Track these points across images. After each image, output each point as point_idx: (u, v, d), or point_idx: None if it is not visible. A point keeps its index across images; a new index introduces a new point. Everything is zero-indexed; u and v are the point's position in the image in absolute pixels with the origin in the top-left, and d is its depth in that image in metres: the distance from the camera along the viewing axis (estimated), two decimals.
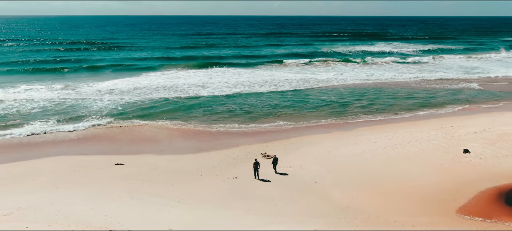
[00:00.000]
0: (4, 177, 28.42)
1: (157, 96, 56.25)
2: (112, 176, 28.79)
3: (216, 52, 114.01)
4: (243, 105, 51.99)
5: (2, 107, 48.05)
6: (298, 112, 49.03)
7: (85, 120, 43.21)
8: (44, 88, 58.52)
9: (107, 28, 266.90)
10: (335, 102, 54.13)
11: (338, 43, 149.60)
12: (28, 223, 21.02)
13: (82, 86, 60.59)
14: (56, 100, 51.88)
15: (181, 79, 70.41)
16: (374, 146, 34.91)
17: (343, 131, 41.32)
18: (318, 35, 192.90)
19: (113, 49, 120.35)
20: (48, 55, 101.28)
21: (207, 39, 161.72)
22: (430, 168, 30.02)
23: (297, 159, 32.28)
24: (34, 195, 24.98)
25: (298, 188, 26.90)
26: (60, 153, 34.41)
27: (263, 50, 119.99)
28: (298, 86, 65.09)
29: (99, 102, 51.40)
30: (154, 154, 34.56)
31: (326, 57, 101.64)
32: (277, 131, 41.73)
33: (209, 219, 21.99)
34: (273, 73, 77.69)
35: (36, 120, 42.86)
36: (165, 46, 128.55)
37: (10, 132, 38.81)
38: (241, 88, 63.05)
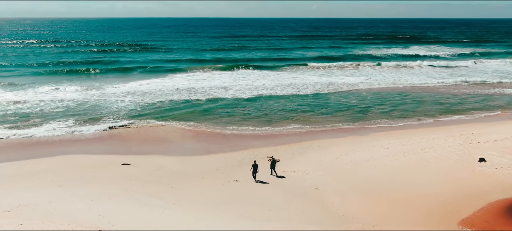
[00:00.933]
0: (13, 174, 29.37)
1: (177, 97, 56.85)
2: (116, 176, 29.20)
3: (246, 54, 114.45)
4: (261, 108, 51.76)
5: (27, 106, 49.89)
6: (315, 116, 48.30)
7: (102, 121, 44.16)
8: (71, 88, 60.37)
9: (144, 30, 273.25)
10: (356, 106, 53.00)
11: (371, 46, 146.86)
12: (23, 220, 21.53)
13: (106, 87, 62.08)
14: (79, 100, 53.39)
15: (206, 81, 70.91)
16: (385, 152, 33.86)
17: (357, 136, 40.38)
18: (352, 38, 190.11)
19: (145, 50, 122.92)
20: (82, 56, 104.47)
21: (239, 41, 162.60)
22: (440, 176, 28.78)
23: (303, 164, 31.73)
24: (37, 192, 25.63)
25: (297, 193, 26.39)
26: (73, 152, 35.30)
27: (293, 53, 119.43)
28: (321, 90, 64.18)
29: (120, 102, 52.50)
30: (162, 155, 34.88)
31: (356, 61, 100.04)
32: (290, 135, 41.26)
33: (199, 222, 21.86)
34: (298, 76, 77.07)
35: (55, 119, 44.19)
36: (197, 48, 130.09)
37: (29, 131, 40.10)
38: (263, 91, 62.84)
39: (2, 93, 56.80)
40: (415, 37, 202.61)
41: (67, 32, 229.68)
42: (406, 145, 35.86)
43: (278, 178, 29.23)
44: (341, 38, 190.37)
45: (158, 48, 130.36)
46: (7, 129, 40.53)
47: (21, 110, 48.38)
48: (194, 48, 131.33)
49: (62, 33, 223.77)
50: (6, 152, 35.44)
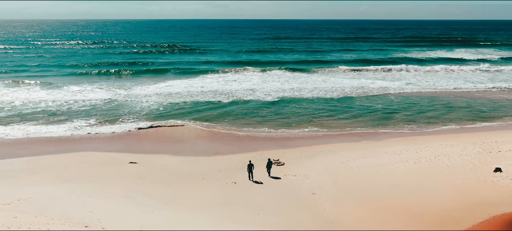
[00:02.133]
0: (26, 169, 30.80)
1: (201, 98, 57.53)
2: (120, 174, 29.91)
3: (282, 56, 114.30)
4: (282, 110, 51.45)
5: (57, 104, 52.22)
6: (336, 120, 47.44)
7: (123, 120, 45.46)
8: (101, 88, 62.67)
9: (189, 31, 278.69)
10: (380, 111, 51.57)
11: (414, 48, 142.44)
12: (19, 213, 22.50)
13: (135, 88, 63.86)
14: (106, 99, 55.24)
15: (235, 83, 71.37)
16: (396, 159, 32.72)
17: (372, 141, 39.29)
18: (395, 40, 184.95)
19: (184, 52, 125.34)
20: (121, 57, 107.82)
21: (279, 43, 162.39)
22: (446, 185, 27.44)
23: (307, 168, 31.22)
24: (40, 187, 26.72)
25: (291, 197, 26.00)
26: (88, 149, 36.56)
27: (330, 55, 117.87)
28: (349, 93, 62.92)
29: (144, 102, 53.83)
30: (171, 154, 35.41)
31: (394, 64, 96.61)
32: (304, 138, 40.78)
33: (182, 222, 22.02)
34: (328, 79, 76.01)
35: (79, 118, 45.99)
36: (234, 50, 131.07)
37: (52, 128, 41.95)
38: (289, 93, 62.50)
39: (37, 91, 59.82)
40: (464, 39, 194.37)
41: (114, 34, 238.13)
42: (421, 151, 34.50)
43: (274, 179, 29.03)
44: (384, 40, 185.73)
45: (197, 49, 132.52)
46: (32, 126, 42.59)
47: (49, 108, 50.68)
48: (232, 49, 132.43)
49: (108, 34, 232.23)
50: (27, 147, 37.21)
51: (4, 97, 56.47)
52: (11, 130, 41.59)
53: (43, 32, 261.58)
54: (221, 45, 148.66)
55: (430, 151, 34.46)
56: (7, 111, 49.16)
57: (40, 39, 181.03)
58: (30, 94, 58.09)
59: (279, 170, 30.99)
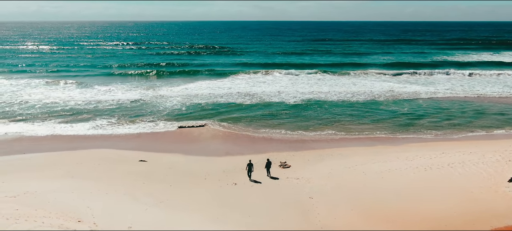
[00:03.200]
0: (40, 164, 32.25)
1: (225, 99, 58.05)
2: (127, 171, 30.67)
3: (318, 58, 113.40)
4: (303, 113, 51.05)
5: (85, 103, 54.36)
6: (356, 123, 46.54)
7: (143, 119, 46.57)
8: (130, 89, 64.66)
9: (231, 33, 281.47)
10: (405, 115, 50.09)
11: (458, 51, 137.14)
12: (21, 206, 23.61)
13: (164, 88, 65.37)
14: (133, 99, 56.85)
15: (264, 85, 71.55)
16: (407, 165, 31.71)
17: (389, 145, 38.28)
18: (440, 43, 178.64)
19: (220, 53, 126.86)
20: (159, 58, 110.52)
21: (317, 45, 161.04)
22: (453, 194, 26.30)
23: (311, 171, 30.84)
24: (48, 182, 27.87)
25: (288, 201, 25.75)
26: (104, 147, 37.78)
27: (367, 58, 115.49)
28: (378, 97, 61.48)
29: (168, 103, 54.98)
30: (181, 154, 35.97)
31: (432, 68, 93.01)
32: (319, 141, 40.31)
33: (170, 222, 22.30)
34: (359, 82, 74.68)
35: (103, 116, 47.62)
36: (270, 51, 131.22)
37: (75, 126, 43.72)
38: (316, 95, 61.94)
39: (70, 90, 62.54)
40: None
41: (157, 35, 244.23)
42: (435, 158, 33.24)
43: (275, 182, 28.89)
44: (428, 43, 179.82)
45: (233, 50, 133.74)
46: (58, 124, 44.57)
47: (78, 106, 52.79)
48: (268, 51, 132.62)
49: (151, 35, 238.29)
50: (49, 144, 38.93)
51: (39, 95, 59.38)
52: (38, 127, 43.65)
53: (91, 33, 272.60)
54: (258, 47, 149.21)
55: (445, 158, 33.16)
56: (39, 108, 51.64)
57: (86, 40, 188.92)
58: (63, 93, 60.75)
59: (283, 173, 30.82)
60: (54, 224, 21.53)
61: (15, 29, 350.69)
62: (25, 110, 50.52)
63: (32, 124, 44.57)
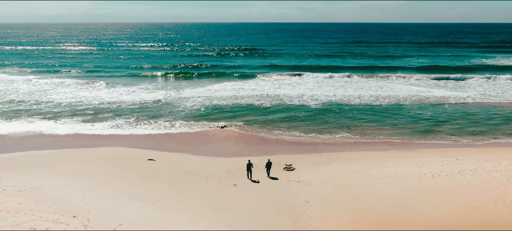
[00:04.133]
0: (53, 160, 33.51)
1: (246, 101, 58.28)
2: (133, 170, 31.34)
3: (350, 61, 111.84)
4: (323, 116, 50.51)
5: (109, 103, 56.00)
6: (374, 127, 45.62)
7: (161, 119, 47.54)
8: (155, 89, 66.11)
9: (267, 34, 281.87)
10: (427, 120, 48.62)
11: (500, 54, 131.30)
12: (24, 199, 24.64)
13: (187, 89, 66.49)
14: (156, 100, 58.10)
15: (289, 87, 71.40)
16: (414, 171, 30.76)
17: (402, 150, 37.32)
18: (481, 45, 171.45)
19: (252, 55, 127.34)
20: (191, 60, 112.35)
21: (352, 47, 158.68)
22: (455, 203, 25.29)
23: (315, 175, 30.48)
24: (56, 178, 28.90)
25: (282, 204, 25.56)
26: (117, 145, 38.80)
27: (401, 60, 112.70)
28: (402, 101, 59.95)
29: (188, 103, 55.81)
30: (191, 154, 36.42)
31: (466, 72, 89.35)
32: (331, 144, 39.82)
33: (160, 221, 22.63)
34: (386, 85, 73.14)
35: (122, 116, 48.95)
36: (302, 54, 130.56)
37: (95, 125, 45.16)
38: (339, 98, 61.21)
39: (98, 90, 64.69)
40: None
41: (193, 37, 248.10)
42: (447, 165, 32.08)
43: (274, 185, 28.74)
44: (469, 45, 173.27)
45: (265, 52, 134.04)
46: (79, 122, 46.16)
47: (101, 106, 54.49)
48: (299, 53, 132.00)
49: (188, 37, 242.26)
50: (66, 141, 40.41)
51: (68, 94, 61.76)
52: (60, 125, 45.39)
53: (130, 35, 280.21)
54: (291, 49, 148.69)
55: (457, 165, 31.94)
56: (64, 106, 53.75)
57: (124, 41, 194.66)
58: (90, 93, 62.88)
59: (285, 175, 30.66)
60: (50, 218, 22.31)
61: (61, 31, 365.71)
62: (52, 108, 52.65)
63: (55, 122, 46.35)
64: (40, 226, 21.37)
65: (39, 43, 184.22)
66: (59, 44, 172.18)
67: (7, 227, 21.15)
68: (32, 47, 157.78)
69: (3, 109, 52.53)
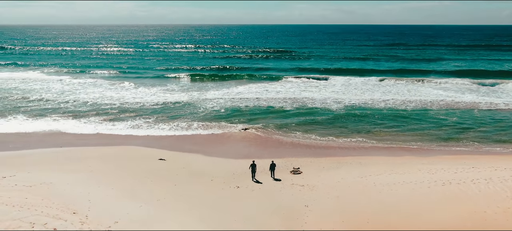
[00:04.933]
0: (68, 157, 34.60)
1: (267, 103, 58.26)
2: (142, 169, 31.85)
3: (383, 64, 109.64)
4: (343, 119, 49.69)
5: (132, 103, 57.37)
6: (393, 132, 44.56)
7: (180, 120, 48.28)
8: (180, 90, 67.37)
9: (304, 37, 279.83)
10: (451, 126, 46.94)
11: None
12: (31, 195, 25.58)
13: (211, 91, 67.13)
14: (178, 101, 58.98)
15: (315, 89, 70.87)
16: (425, 178, 29.75)
17: (417, 156, 36.20)
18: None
19: (283, 57, 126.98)
20: (222, 62, 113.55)
21: (388, 50, 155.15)
22: (462, 212, 24.23)
23: (320, 179, 30.03)
24: (66, 174, 29.82)
25: (280, 207, 25.29)
26: (134, 144, 39.67)
27: (436, 64, 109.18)
28: (429, 105, 58.13)
29: (209, 105, 56.37)
30: (203, 155, 36.69)
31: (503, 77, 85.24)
32: (345, 148, 39.19)
33: (154, 220, 22.92)
34: (415, 89, 71.31)
35: (143, 116, 50.03)
36: (335, 55, 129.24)
37: (116, 124, 46.41)
38: (363, 102, 60.08)
39: (124, 91, 66.52)
40: None
41: (229, 38, 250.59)
42: (461, 172, 30.84)
43: (276, 188, 28.54)
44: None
45: (296, 54, 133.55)
46: (100, 122, 47.59)
47: (124, 106, 55.92)
48: (331, 56, 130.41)
49: (224, 39, 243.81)
50: (85, 139, 41.75)
51: (95, 94, 63.81)
52: (83, 124, 46.91)
53: (167, 36, 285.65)
54: (323, 51, 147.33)
55: (472, 173, 30.66)
56: (89, 106, 55.65)
57: (160, 42, 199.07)
58: (117, 93, 64.69)
59: (290, 178, 30.37)
60: (50, 214, 23.07)
61: (103, 32, 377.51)
62: (77, 107, 54.52)
63: (78, 121, 47.91)
64: (39, 221, 22.13)
65: (80, 44, 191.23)
66: (98, 45, 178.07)
67: (9, 221, 22.04)
68: (72, 48, 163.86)
69: (32, 108, 54.85)
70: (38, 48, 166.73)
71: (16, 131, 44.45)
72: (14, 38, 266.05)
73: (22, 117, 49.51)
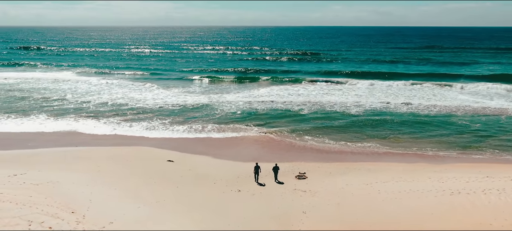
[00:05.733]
0: (79, 157, 35.37)
1: (285, 107, 57.93)
2: (149, 170, 32.18)
3: (413, 67, 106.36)
4: (360, 123, 48.77)
5: (152, 104, 58.25)
6: (411, 137, 43.37)
7: (196, 121, 48.65)
8: (201, 93, 68.06)
9: (336, 38, 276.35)
10: (472, 132, 45.15)
11: None
12: (36, 193, 26.23)
13: (231, 94, 67.28)
14: (197, 103, 59.44)
15: (337, 93, 69.94)
16: (433, 187, 28.69)
17: (431, 164, 35.05)
18: None
19: (310, 60, 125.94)
20: (249, 64, 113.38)
21: (422, 53, 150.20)
22: (466, 223, 23.19)
23: (325, 185, 29.45)
24: (73, 174, 30.49)
25: (278, 213, 24.88)
26: (146, 145, 40.25)
27: (467, 68, 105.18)
28: (454, 111, 56.21)
29: (226, 107, 56.51)
30: (211, 156, 36.78)
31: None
32: (358, 153, 38.43)
33: (149, 221, 23.01)
34: (439, 93, 69.43)
35: (159, 117, 50.77)
36: (365, 58, 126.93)
37: (133, 125, 47.27)
38: (385, 107, 58.86)
39: (147, 92, 67.73)
40: None
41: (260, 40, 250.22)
42: (473, 182, 29.58)
43: (277, 191, 28.39)
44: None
45: (325, 57, 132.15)
46: (118, 122, 48.59)
47: (144, 107, 56.91)
48: (360, 58, 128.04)
49: (254, 40, 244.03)
50: (100, 139, 42.63)
51: (119, 95, 65.25)
52: (102, 124, 47.98)
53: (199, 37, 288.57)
54: (354, 54, 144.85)
55: (485, 183, 29.36)
56: (110, 106, 56.88)
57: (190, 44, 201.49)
58: (140, 94, 65.87)
59: (294, 183, 29.98)
60: (49, 212, 23.57)
61: (138, 33, 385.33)
62: (98, 108, 55.85)
63: (97, 121, 49.03)
64: (37, 219, 22.62)
65: (113, 46, 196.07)
66: (130, 47, 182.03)
67: (8, 218, 22.64)
68: (105, 49, 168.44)
69: (55, 107, 56.58)
70: (72, 49, 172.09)
71: (36, 130, 45.90)
72: (53, 39, 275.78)
73: (44, 116, 51.13)
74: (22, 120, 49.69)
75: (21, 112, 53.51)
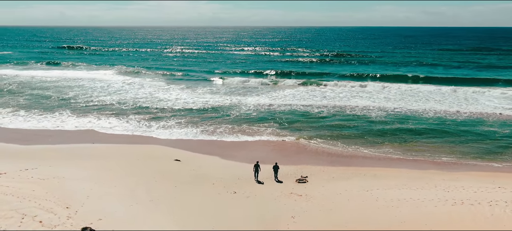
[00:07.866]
0: (91, 154, 36.60)
1: (304, 109, 57.36)
2: (151, 168, 32.68)
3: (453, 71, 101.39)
4: (378, 127, 47.55)
5: (172, 104, 59.55)
6: (428, 143, 41.86)
7: (211, 122, 49.17)
8: (224, 94, 68.75)
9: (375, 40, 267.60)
10: (497, 140, 42.88)
11: None
12: (39, 187, 27.30)
13: (252, 95, 67.27)
14: (216, 104, 59.70)
15: (364, 96, 68.50)
16: (437, 196, 27.52)
17: (441, 171, 33.68)
18: None
19: (345, 62, 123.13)
20: (279, 65, 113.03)
21: (466, 56, 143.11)
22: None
23: (324, 189, 28.90)
24: (80, 170, 31.48)
25: (267, 217, 24.59)
26: (158, 144, 41.11)
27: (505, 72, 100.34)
28: (484, 116, 53.82)
29: (245, 108, 56.79)
30: (219, 157, 37.03)
31: None
32: (367, 158, 37.58)
33: (138, 220, 23.45)
34: (473, 97, 66.51)
35: (176, 117, 51.71)
36: (402, 61, 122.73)
37: (150, 124, 48.34)
38: (409, 111, 56.96)
39: (172, 92, 69.11)
40: None
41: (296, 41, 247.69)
42: (483, 192, 28.15)
43: (273, 192, 28.35)
44: None
45: (362, 59, 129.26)
46: (137, 121, 49.77)
47: (166, 106, 58.14)
48: (399, 61, 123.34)
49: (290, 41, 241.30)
50: (116, 138, 43.76)
51: (143, 95, 66.95)
52: (121, 122, 49.32)
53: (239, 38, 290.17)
54: (392, 56, 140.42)
55: (494, 194, 27.87)
56: (131, 105, 58.59)
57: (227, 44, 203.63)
58: (164, 94, 67.27)
59: (291, 187, 29.64)
60: (45, 206, 24.51)
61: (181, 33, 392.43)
62: (121, 106, 57.52)
63: (119, 120, 50.48)
64: (31, 213, 23.56)
65: (151, 45, 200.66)
66: (170, 47, 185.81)
67: (5, 211, 23.71)
68: (143, 49, 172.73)
69: (81, 105, 58.78)
70: (113, 48, 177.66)
71: (57, 126, 47.78)
72: (98, 38, 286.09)
73: (68, 113, 53.22)
74: (45, 116, 51.88)
75: (49, 109, 55.83)
